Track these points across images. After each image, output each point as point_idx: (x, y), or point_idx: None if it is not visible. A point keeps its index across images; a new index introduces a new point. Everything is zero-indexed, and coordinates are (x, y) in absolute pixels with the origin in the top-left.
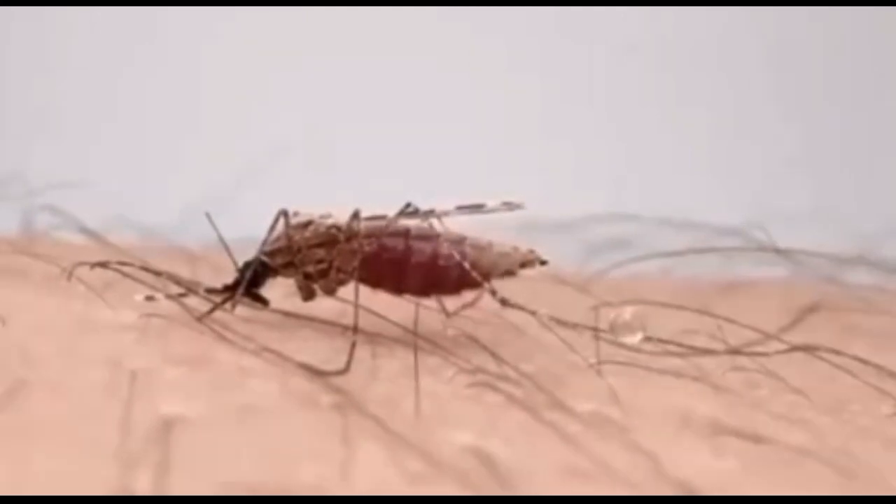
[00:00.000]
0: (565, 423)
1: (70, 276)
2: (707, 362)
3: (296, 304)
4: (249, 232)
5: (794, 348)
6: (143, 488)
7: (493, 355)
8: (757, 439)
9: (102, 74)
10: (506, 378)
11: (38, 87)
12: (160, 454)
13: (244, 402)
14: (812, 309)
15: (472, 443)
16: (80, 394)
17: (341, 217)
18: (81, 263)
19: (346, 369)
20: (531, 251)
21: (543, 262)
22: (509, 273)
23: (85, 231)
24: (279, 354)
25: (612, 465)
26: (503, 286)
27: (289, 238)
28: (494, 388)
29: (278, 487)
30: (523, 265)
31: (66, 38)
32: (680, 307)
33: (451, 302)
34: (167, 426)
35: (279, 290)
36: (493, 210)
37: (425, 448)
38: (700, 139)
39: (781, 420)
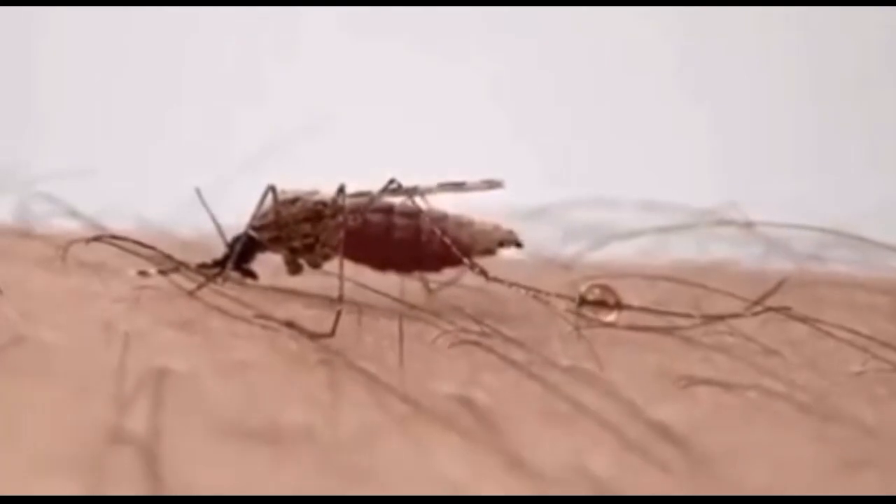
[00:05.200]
0: (546, 375)
1: (65, 253)
2: (682, 328)
3: (283, 278)
4: (240, 219)
5: (767, 309)
6: (137, 428)
7: (476, 320)
8: (729, 387)
9: (99, 68)
10: (488, 337)
11: (35, 80)
12: (154, 399)
13: (234, 358)
14: (784, 281)
15: (455, 391)
16: (75, 349)
17: (328, 194)
18: (76, 241)
19: (331, 333)
20: (510, 231)
21: (519, 245)
22: (488, 251)
23: (79, 217)
24: (267, 317)
25: (590, 410)
26: (486, 265)
27: (276, 213)
28: (477, 346)
29: (267, 427)
30: (502, 244)
31: (65, 31)
32: (655, 277)
33: (434, 279)
34: (160, 375)
35: (269, 266)
36: (474, 188)
37: (411, 395)
38: (679, 125)
39: (754, 373)
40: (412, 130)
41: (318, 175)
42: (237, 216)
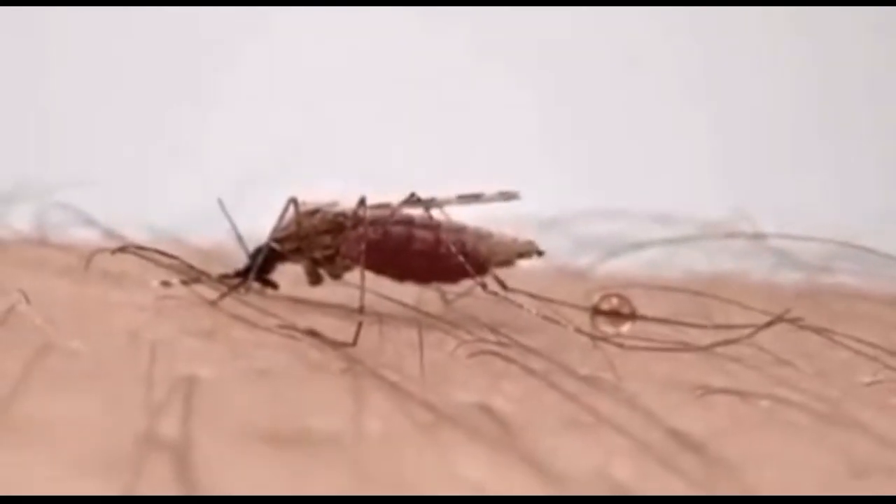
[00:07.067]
0: (564, 383)
1: (88, 263)
2: (695, 339)
3: (304, 289)
4: (259, 230)
5: (780, 320)
6: (168, 434)
7: (493, 330)
8: (744, 396)
9: (102, 74)
10: (506, 346)
11: (48, 88)
12: (183, 405)
13: (258, 366)
14: (797, 297)
15: (476, 400)
16: (103, 358)
17: (348, 205)
18: (100, 250)
19: (353, 343)
20: (529, 242)
21: (540, 253)
22: (506, 263)
23: (98, 227)
24: (290, 327)
25: (609, 417)
26: (503, 275)
27: (297, 225)
28: (495, 356)
29: (294, 433)
30: (521, 255)
31: (68, 34)
32: (667, 288)
33: (451, 290)
34: (188, 382)
35: (290, 277)
36: (490, 199)
37: (432, 402)
38: (689, 136)
39: (767, 383)
40: (424, 140)
41: (326, 183)
42: (249, 224)
